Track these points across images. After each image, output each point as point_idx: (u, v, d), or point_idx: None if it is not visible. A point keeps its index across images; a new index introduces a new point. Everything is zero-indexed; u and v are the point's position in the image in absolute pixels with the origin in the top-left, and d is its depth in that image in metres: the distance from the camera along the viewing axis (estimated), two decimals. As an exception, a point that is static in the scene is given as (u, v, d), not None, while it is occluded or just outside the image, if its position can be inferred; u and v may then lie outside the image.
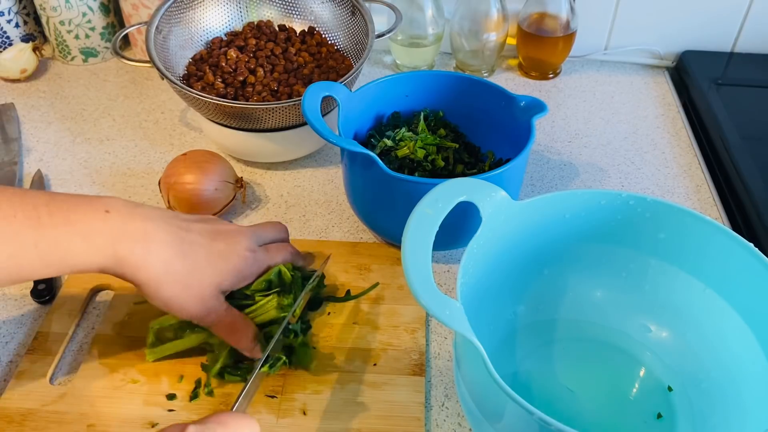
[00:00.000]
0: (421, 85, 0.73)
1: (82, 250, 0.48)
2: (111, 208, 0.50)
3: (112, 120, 0.88)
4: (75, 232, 0.48)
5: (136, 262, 0.49)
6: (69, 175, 0.79)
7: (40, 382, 0.56)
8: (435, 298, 0.43)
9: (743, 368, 0.50)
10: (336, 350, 0.59)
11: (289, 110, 0.71)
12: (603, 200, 0.54)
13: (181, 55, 0.82)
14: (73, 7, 0.92)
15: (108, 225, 0.49)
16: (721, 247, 0.51)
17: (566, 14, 0.90)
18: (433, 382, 0.58)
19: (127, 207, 0.51)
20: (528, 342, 0.58)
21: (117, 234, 0.49)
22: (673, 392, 0.54)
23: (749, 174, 0.75)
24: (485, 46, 0.91)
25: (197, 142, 0.84)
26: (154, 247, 0.50)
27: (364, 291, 0.64)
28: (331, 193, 0.77)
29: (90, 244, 0.48)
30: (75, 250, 0.48)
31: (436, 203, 0.48)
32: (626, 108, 0.91)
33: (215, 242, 0.54)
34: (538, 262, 0.57)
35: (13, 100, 0.91)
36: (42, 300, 0.63)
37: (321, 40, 0.85)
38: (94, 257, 0.48)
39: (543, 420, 0.39)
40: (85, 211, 0.49)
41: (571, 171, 0.80)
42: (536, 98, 0.67)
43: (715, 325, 0.53)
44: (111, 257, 0.49)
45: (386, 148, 0.68)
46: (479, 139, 0.74)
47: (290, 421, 0.54)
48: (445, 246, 0.66)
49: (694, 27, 0.95)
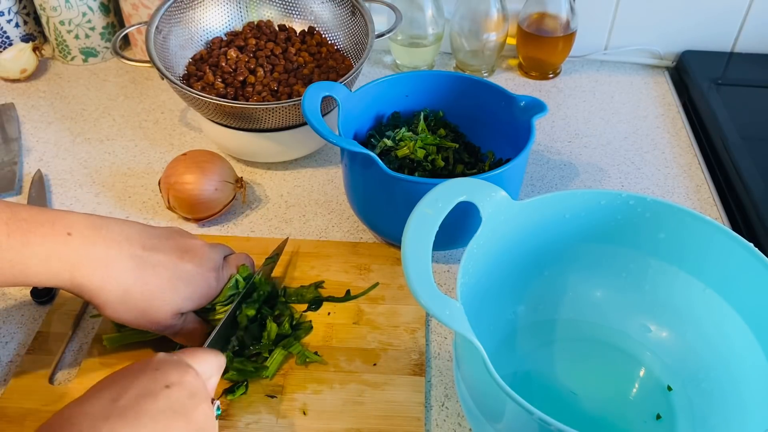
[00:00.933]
0: (421, 85, 0.73)
1: (38, 271, 0.48)
2: (73, 230, 0.49)
3: (112, 120, 0.88)
4: (33, 253, 0.47)
5: (95, 289, 0.49)
6: (69, 175, 0.79)
7: (40, 382, 0.56)
8: (435, 298, 0.43)
9: (743, 368, 0.50)
10: (336, 350, 0.59)
11: (289, 110, 0.71)
12: (603, 200, 0.54)
13: (181, 55, 0.82)
14: (73, 7, 0.92)
15: (68, 249, 0.48)
16: (721, 247, 0.51)
17: (566, 14, 0.90)
18: (433, 382, 0.58)
19: (89, 228, 0.50)
20: (528, 342, 0.58)
21: (77, 260, 0.48)
22: (673, 392, 0.54)
23: (749, 174, 0.75)
24: (485, 46, 0.91)
25: (197, 142, 0.84)
26: (113, 274, 0.50)
27: (364, 291, 0.64)
28: (331, 193, 0.77)
29: (47, 267, 0.48)
30: (32, 270, 0.47)
31: (436, 203, 0.48)
32: (626, 108, 0.91)
33: (182, 262, 0.53)
34: (538, 262, 0.57)
35: (13, 100, 0.91)
36: (42, 300, 0.63)
37: (321, 40, 0.85)
38: (52, 279, 0.48)
39: (543, 420, 0.39)
40: (45, 234, 0.48)
41: (571, 171, 0.80)
42: (536, 98, 0.67)
43: (715, 325, 0.53)
44: (68, 281, 0.48)
45: (386, 148, 0.68)
46: (479, 139, 0.74)
47: (290, 421, 0.54)
48: (445, 246, 0.66)
49: (694, 27, 0.95)
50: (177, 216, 0.72)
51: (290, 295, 0.63)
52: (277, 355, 0.57)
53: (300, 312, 0.62)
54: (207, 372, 0.45)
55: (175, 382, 0.41)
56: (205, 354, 0.46)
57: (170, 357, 0.44)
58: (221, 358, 0.48)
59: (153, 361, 0.43)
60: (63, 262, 0.48)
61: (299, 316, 0.61)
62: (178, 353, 0.45)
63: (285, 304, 0.62)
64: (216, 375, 0.46)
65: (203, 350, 0.47)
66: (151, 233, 0.53)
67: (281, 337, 0.58)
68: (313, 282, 0.64)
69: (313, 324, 0.61)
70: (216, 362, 0.47)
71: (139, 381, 0.41)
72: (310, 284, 0.64)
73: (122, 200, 0.75)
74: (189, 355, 0.45)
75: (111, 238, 0.50)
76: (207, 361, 0.46)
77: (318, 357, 0.58)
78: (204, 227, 0.72)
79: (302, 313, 0.62)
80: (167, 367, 0.42)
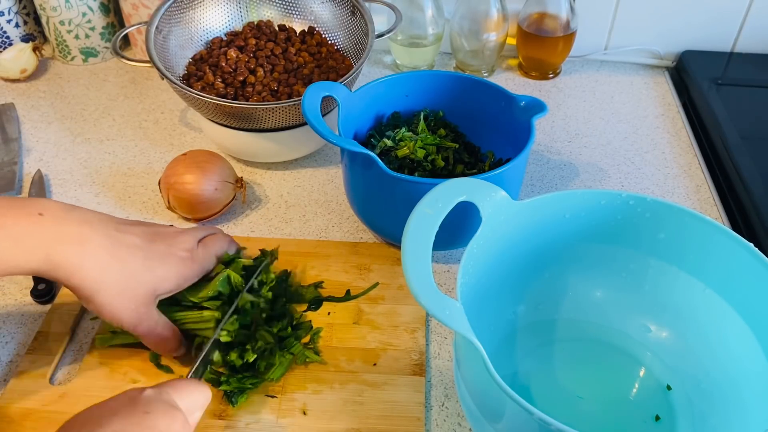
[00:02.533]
0: (421, 85, 0.73)
1: (13, 254, 0.47)
2: (45, 211, 0.49)
3: (112, 120, 0.88)
4: (5, 235, 0.47)
5: (71, 266, 0.48)
6: (69, 175, 0.79)
7: (40, 382, 0.56)
8: (435, 298, 0.43)
9: (743, 368, 0.50)
10: (336, 350, 0.59)
11: (289, 110, 0.71)
12: (603, 200, 0.54)
13: (181, 55, 0.82)
14: (73, 7, 0.92)
15: (41, 228, 0.48)
16: (721, 247, 0.51)
17: (566, 14, 0.90)
18: (433, 382, 0.58)
19: (62, 210, 0.50)
20: (528, 342, 0.58)
21: (51, 238, 0.48)
22: (673, 392, 0.54)
23: (749, 174, 0.75)
24: (485, 46, 0.91)
25: (197, 142, 0.84)
26: (89, 251, 0.49)
27: (364, 291, 0.64)
28: (331, 193, 0.77)
29: (21, 248, 0.47)
30: (5, 254, 0.47)
31: (436, 203, 0.48)
32: (626, 108, 0.91)
33: (154, 244, 0.53)
34: (538, 262, 0.57)
35: (13, 100, 0.91)
36: (42, 300, 0.63)
37: (321, 40, 0.85)
38: (26, 261, 0.47)
39: (543, 420, 0.39)
40: (16, 215, 0.47)
41: (571, 171, 0.80)
42: (536, 98, 0.67)
43: (715, 325, 0.53)
44: (44, 261, 0.48)
45: (386, 148, 0.68)
46: (479, 139, 0.74)
47: (290, 421, 0.54)
48: (445, 246, 0.66)
49: (694, 27, 0.95)
50: (177, 216, 0.72)
51: (290, 296, 0.63)
52: (280, 360, 0.56)
53: (300, 312, 0.62)
54: (191, 407, 0.44)
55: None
56: (190, 388, 0.45)
57: (159, 395, 0.42)
58: (207, 392, 0.47)
59: (141, 401, 0.41)
60: (37, 240, 0.47)
61: (299, 316, 0.61)
62: (165, 387, 0.44)
63: (284, 307, 0.61)
64: (200, 410, 0.46)
65: (189, 383, 0.46)
66: (121, 219, 0.54)
67: (281, 339, 0.58)
68: (312, 282, 0.64)
69: (312, 324, 0.61)
70: (201, 397, 0.46)
71: (127, 425, 0.39)
72: (310, 284, 0.64)
73: (122, 200, 0.75)
74: (175, 389, 0.44)
75: (83, 219, 0.50)
76: (192, 395, 0.45)
77: (318, 357, 0.58)
78: (204, 227, 0.72)
79: (302, 313, 0.62)
80: (156, 411, 0.41)
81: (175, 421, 0.42)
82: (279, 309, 0.60)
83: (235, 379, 0.55)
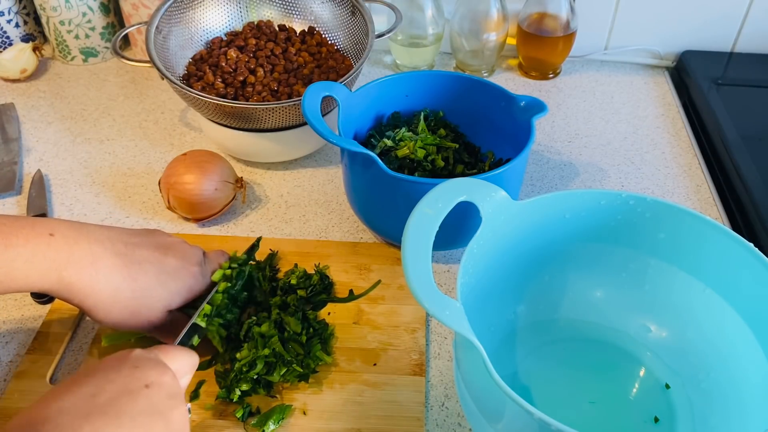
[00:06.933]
0: (421, 85, 0.73)
1: (26, 274, 0.47)
2: (55, 231, 0.49)
3: (112, 120, 0.88)
4: (16, 255, 0.47)
5: (84, 288, 0.49)
6: (69, 175, 0.79)
7: (40, 382, 0.56)
8: (435, 298, 0.43)
9: (743, 368, 0.50)
10: (336, 350, 0.59)
11: (289, 110, 0.71)
12: (603, 200, 0.54)
13: (181, 55, 0.82)
14: (73, 7, 0.92)
15: (52, 249, 0.48)
16: (720, 246, 0.51)
17: (566, 14, 0.90)
18: (433, 382, 0.58)
19: (71, 229, 0.50)
20: (528, 342, 0.58)
21: (63, 259, 0.48)
22: (673, 392, 0.54)
23: (749, 174, 0.75)
24: (485, 46, 0.91)
25: (197, 142, 0.84)
26: (102, 272, 0.49)
27: (366, 290, 0.64)
28: (331, 193, 0.77)
29: (34, 269, 0.47)
30: (18, 273, 0.47)
31: (436, 203, 0.48)
32: (626, 108, 0.91)
33: (167, 258, 0.53)
34: (538, 262, 0.57)
35: (13, 100, 0.91)
36: (42, 300, 0.63)
37: (321, 40, 0.85)
38: (40, 281, 0.48)
39: (543, 420, 0.39)
40: (27, 235, 0.47)
41: (571, 171, 0.80)
42: (536, 98, 0.67)
43: (714, 324, 0.53)
44: (56, 282, 0.48)
45: (386, 148, 0.68)
46: (479, 139, 0.74)
47: (290, 421, 0.54)
48: (445, 246, 0.66)
49: (694, 27, 0.95)
50: (177, 216, 0.72)
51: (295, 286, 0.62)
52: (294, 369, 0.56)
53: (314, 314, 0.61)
54: (181, 371, 0.45)
55: (155, 382, 0.41)
56: (179, 352, 0.46)
57: (148, 354, 0.43)
58: (194, 357, 0.48)
59: (130, 358, 0.42)
60: (49, 261, 0.48)
61: (313, 316, 0.61)
62: (154, 350, 0.45)
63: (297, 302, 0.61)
64: (189, 374, 0.46)
65: (178, 348, 0.47)
66: (130, 233, 0.54)
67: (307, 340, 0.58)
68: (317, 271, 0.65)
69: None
70: (189, 361, 0.47)
71: (118, 378, 0.40)
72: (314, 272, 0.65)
73: (122, 200, 0.75)
74: (164, 353, 0.45)
75: (93, 238, 0.50)
76: (181, 359, 0.46)
77: (330, 358, 0.58)
78: (204, 227, 0.72)
79: (316, 314, 0.61)
80: (146, 365, 0.42)
81: (165, 374, 0.42)
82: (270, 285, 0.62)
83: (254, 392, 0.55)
